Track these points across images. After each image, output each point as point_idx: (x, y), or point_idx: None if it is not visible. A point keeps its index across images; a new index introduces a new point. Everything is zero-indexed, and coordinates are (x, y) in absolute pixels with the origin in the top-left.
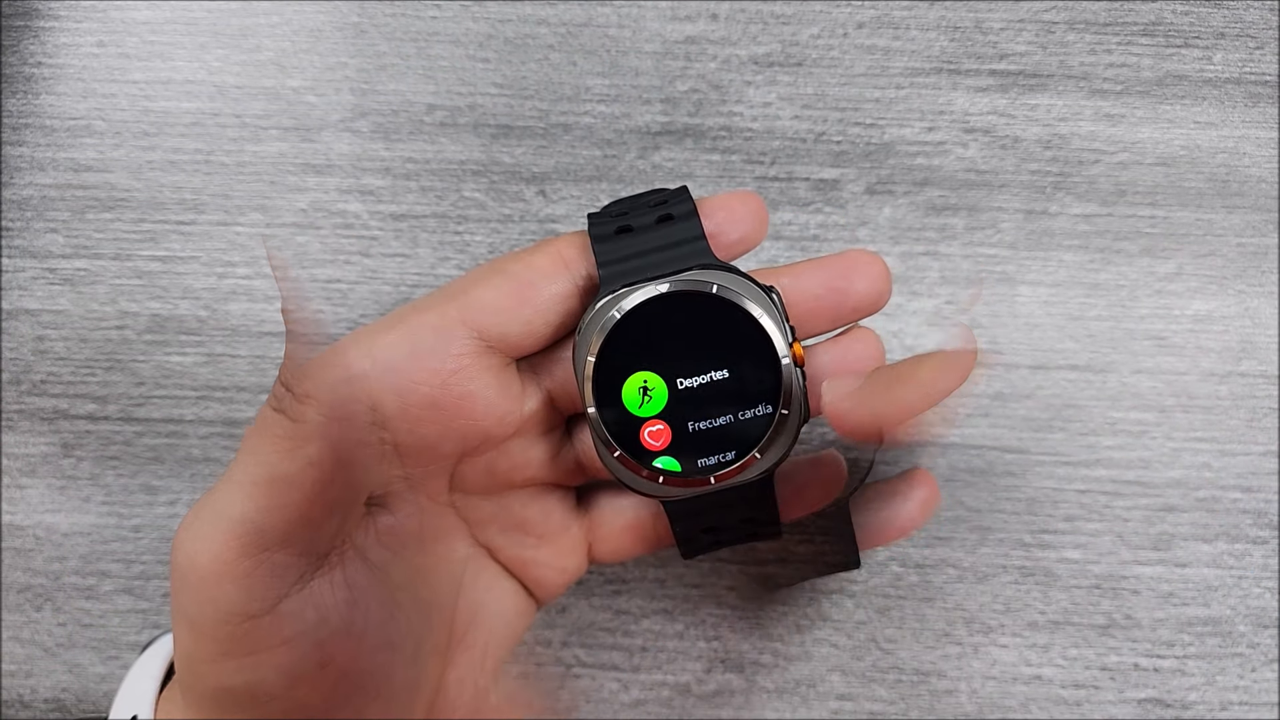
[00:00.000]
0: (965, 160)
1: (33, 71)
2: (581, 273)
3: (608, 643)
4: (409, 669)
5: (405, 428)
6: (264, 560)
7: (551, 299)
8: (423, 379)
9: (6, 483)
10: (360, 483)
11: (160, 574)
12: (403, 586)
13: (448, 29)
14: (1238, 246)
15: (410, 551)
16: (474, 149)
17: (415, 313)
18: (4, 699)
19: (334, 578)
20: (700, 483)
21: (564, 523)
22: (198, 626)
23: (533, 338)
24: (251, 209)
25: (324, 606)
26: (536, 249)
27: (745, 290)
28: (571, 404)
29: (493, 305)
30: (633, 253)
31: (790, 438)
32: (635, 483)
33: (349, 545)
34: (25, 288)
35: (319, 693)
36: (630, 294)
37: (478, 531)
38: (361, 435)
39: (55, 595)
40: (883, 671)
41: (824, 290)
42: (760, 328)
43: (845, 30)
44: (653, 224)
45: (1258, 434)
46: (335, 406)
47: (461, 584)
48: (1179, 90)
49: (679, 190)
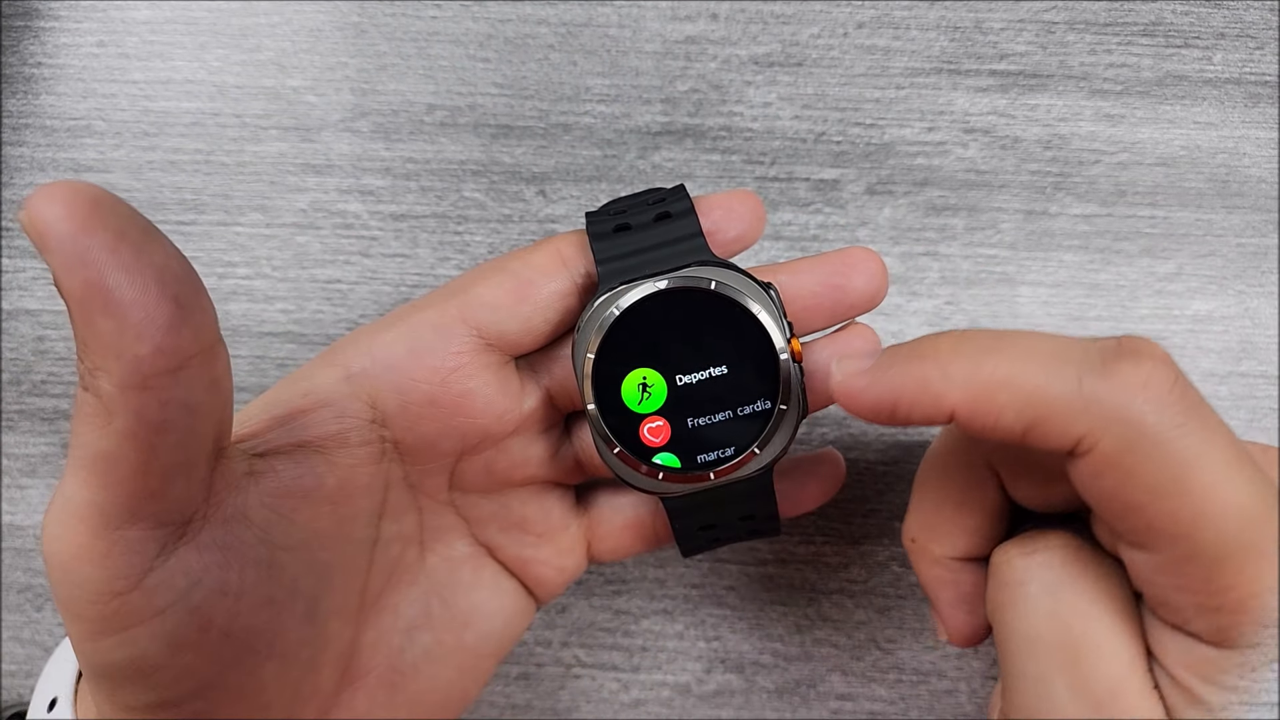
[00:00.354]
0: (965, 160)
1: (33, 71)
2: (580, 270)
3: (608, 643)
4: (303, 627)
5: (405, 425)
6: (117, 539)
7: (550, 296)
8: (422, 377)
9: (6, 483)
10: (198, 444)
11: None
12: (292, 548)
13: (448, 29)
14: (1238, 246)
15: (305, 515)
16: (474, 149)
17: (414, 311)
18: (4, 699)
19: (201, 540)
20: (700, 478)
21: (563, 521)
22: (71, 609)
23: (532, 335)
24: (251, 209)
25: (193, 571)
26: (535, 247)
27: (743, 286)
28: (570, 402)
29: (492, 303)
30: (631, 250)
31: (789, 433)
32: (635, 479)
33: (219, 508)
34: (25, 288)
35: (204, 657)
36: (628, 291)
37: (477, 530)
38: (181, 396)
39: None
40: (883, 671)
41: (822, 287)
42: (758, 323)
43: (845, 30)
44: (650, 221)
45: (1258, 434)
46: (128, 375)
47: (377, 549)
48: (1179, 90)
49: (676, 189)
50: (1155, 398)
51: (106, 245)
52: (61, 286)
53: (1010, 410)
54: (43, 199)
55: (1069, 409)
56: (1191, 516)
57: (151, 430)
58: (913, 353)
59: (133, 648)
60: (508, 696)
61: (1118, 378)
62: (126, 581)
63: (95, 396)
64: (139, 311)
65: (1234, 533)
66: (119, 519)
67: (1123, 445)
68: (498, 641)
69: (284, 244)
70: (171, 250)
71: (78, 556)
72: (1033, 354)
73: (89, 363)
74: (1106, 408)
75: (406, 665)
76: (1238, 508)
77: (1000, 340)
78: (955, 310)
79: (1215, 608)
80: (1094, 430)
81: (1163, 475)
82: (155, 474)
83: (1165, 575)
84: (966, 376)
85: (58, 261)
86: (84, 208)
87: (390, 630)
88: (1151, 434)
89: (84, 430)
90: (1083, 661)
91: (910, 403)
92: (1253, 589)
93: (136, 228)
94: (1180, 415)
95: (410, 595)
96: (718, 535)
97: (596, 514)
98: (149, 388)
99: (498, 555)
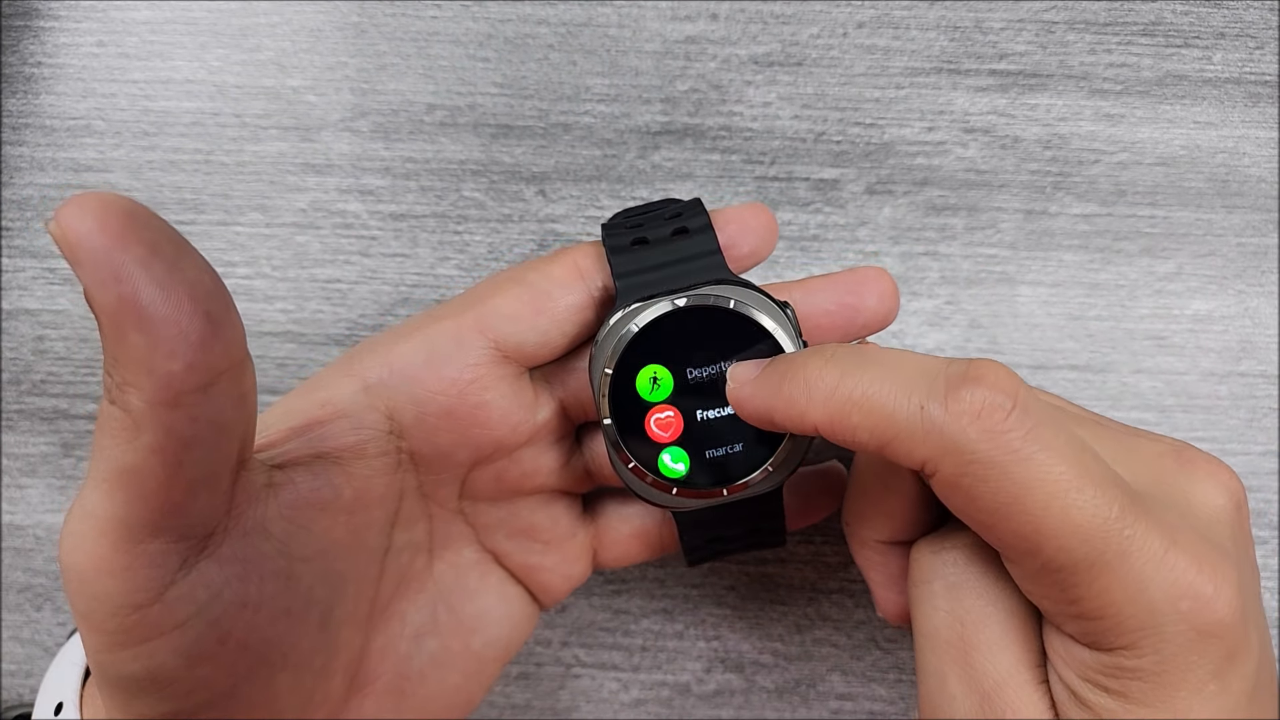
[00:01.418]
0: (965, 160)
1: (33, 71)
2: (597, 284)
3: (608, 643)
4: (316, 636)
5: (421, 436)
6: (140, 553)
7: (567, 310)
8: (440, 388)
9: (6, 483)
10: (223, 459)
11: None
12: (309, 558)
13: (448, 29)
14: (1238, 246)
15: (322, 526)
16: (474, 149)
17: (432, 321)
18: (4, 699)
19: (222, 554)
20: (713, 494)
21: (571, 530)
22: (90, 621)
23: (548, 348)
24: (251, 209)
25: (214, 585)
26: (553, 259)
27: (761, 306)
28: (583, 413)
29: (510, 315)
30: (649, 265)
31: (801, 450)
32: (649, 494)
33: (240, 520)
34: (25, 288)
35: (221, 669)
36: (647, 308)
37: (484, 537)
38: (210, 413)
39: (55, 595)
40: (883, 671)
41: (835, 306)
42: (775, 342)
43: (845, 30)
44: (668, 237)
45: (1257, 434)
46: (159, 392)
47: (389, 557)
48: (1179, 90)
49: (693, 203)
50: (988, 427)
51: (140, 260)
52: (93, 301)
53: (863, 431)
54: (74, 211)
55: (911, 435)
56: (1033, 534)
57: (180, 446)
58: (788, 369)
59: (150, 660)
60: (507, 696)
61: (954, 406)
62: (147, 595)
63: (123, 411)
64: (172, 328)
65: (1076, 549)
66: (142, 533)
67: (958, 471)
68: (503, 647)
69: (284, 244)
70: (203, 264)
71: (99, 570)
72: (888, 378)
73: (118, 377)
74: (944, 436)
75: (413, 671)
76: (1076, 526)
77: (864, 362)
78: (955, 310)
79: (1076, 615)
80: (933, 457)
81: (1000, 498)
82: (180, 489)
83: (1029, 584)
84: (826, 395)
85: (90, 276)
86: (117, 221)
87: (398, 637)
88: (983, 461)
89: (109, 444)
90: (972, 658)
91: (782, 415)
92: (1103, 600)
93: (169, 242)
94: (1017, 441)
95: (418, 602)
96: (725, 546)
97: (603, 523)
98: (180, 405)
99: (504, 562)
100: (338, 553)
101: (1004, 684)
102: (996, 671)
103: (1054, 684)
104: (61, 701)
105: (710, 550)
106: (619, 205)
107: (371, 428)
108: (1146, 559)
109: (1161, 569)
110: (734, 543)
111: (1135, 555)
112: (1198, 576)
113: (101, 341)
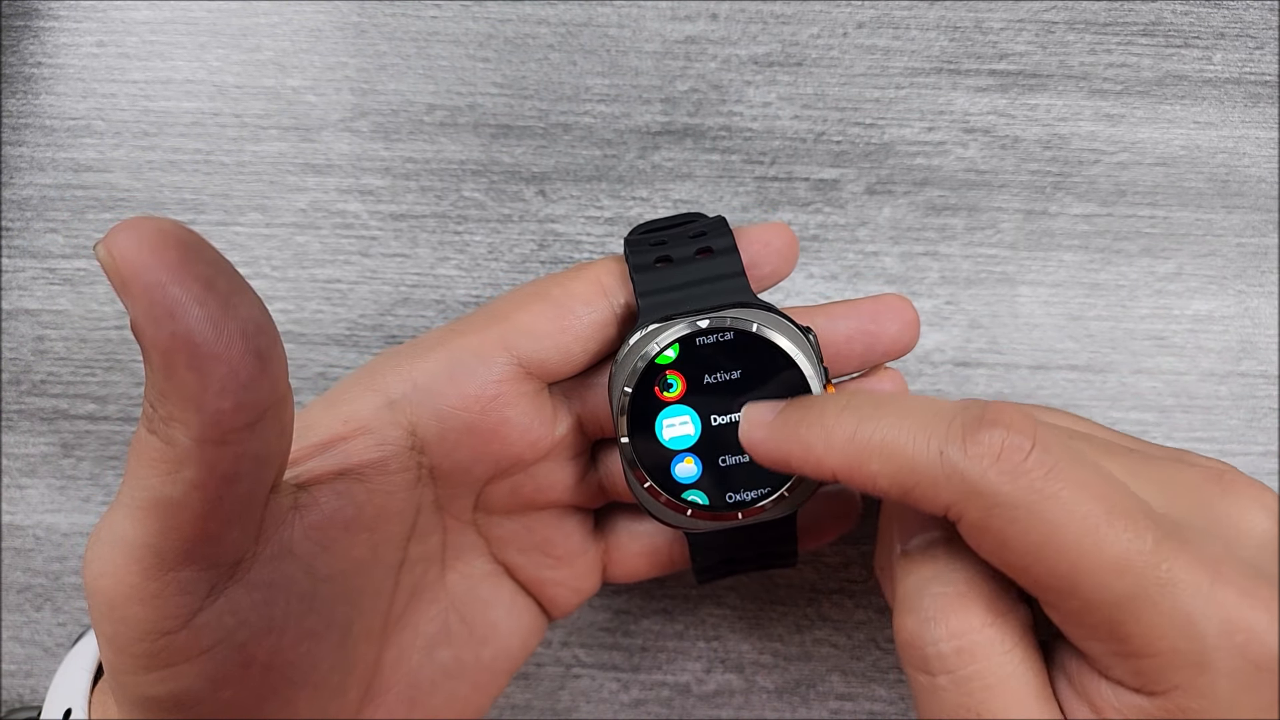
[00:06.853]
0: (965, 160)
1: (33, 71)
2: (620, 301)
3: (608, 643)
4: (336, 654)
5: (442, 452)
6: (170, 580)
7: (590, 326)
8: (463, 405)
9: (6, 483)
10: (261, 490)
11: None
12: (331, 578)
13: (448, 29)
14: (1238, 246)
15: (344, 544)
16: (474, 149)
17: (454, 336)
18: (4, 699)
19: (250, 579)
20: (728, 517)
21: (582, 545)
22: (115, 644)
23: (570, 364)
24: (251, 209)
25: (241, 610)
26: (575, 274)
27: (783, 331)
28: (600, 429)
29: (533, 331)
30: (672, 285)
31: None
32: (663, 514)
33: (267, 544)
34: (25, 288)
35: (245, 691)
36: (668, 328)
37: (497, 550)
38: (255, 448)
39: (55, 595)
40: (883, 671)
41: (856, 333)
42: (797, 369)
43: (845, 30)
44: (692, 256)
45: (1257, 434)
46: (207, 430)
47: (403, 570)
48: (1179, 90)
49: (718, 221)
50: (1009, 469)
51: (196, 297)
52: (141, 335)
53: (883, 477)
54: (128, 238)
55: (934, 481)
56: (1069, 573)
57: (222, 482)
58: (805, 414)
59: (175, 683)
60: (508, 696)
61: (973, 449)
62: (175, 622)
63: (166, 444)
64: (224, 367)
65: (1114, 584)
66: (174, 562)
67: (986, 515)
68: (512, 657)
69: (283, 244)
70: (255, 300)
71: (128, 596)
72: (904, 423)
73: (164, 411)
74: (965, 480)
75: (424, 681)
76: (1111, 560)
77: (880, 407)
78: (955, 310)
79: (1128, 654)
80: (956, 501)
81: (1031, 539)
82: (218, 521)
83: (1071, 627)
84: (844, 443)
85: (143, 310)
86: (174, 252)
87: (410, 648)
88: (1008, 503)
89: (146, 474)
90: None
91: (799, 461)
92: (1153, 634)
93: (224, 276)
94: (1039, 480)
95: (430, 613)
96: (735, 567)
97: (615, 539)
98: (227, 442)
99: (516, 575)
100: (357, 570)
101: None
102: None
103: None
104: (70, 707)
105: (721, 570)
106: (619, 205)
107: (394, 443)
108: (1192, 592)
109: (1211, 603)
110: (745, 563)
111: (1178, 588)
112: (1250, 610)
113: (146, 372)
